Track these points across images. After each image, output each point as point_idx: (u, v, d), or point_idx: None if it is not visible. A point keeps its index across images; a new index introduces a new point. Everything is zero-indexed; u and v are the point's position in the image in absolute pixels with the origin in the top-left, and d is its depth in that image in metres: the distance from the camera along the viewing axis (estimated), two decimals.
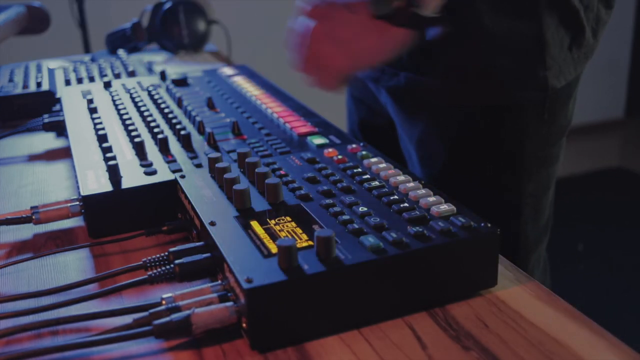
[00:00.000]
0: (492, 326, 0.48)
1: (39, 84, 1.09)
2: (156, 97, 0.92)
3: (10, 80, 1.14)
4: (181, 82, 1.01)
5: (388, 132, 0.98)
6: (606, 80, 3.53)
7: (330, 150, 0.68)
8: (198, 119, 0.79)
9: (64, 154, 0.89)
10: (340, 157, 0.66)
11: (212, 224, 0.54)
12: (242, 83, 1.00)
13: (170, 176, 0.65)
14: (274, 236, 0.51)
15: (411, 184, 0.58)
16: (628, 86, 3.66)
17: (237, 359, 0.46)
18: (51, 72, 1.19)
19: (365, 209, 0.54)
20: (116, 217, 0.64)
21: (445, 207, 0.53)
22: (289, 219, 0.54)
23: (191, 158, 0.70)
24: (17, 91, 1.06)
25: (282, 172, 0.63)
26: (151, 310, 0.48)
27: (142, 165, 0.69)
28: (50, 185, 0.80)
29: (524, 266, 0.89)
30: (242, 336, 0.48)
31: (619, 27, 3.50)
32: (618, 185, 3.03)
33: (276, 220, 0.54)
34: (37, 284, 0.58)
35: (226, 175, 0.59)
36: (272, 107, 0.86)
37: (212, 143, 0.74)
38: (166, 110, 0.84)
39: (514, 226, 0.86)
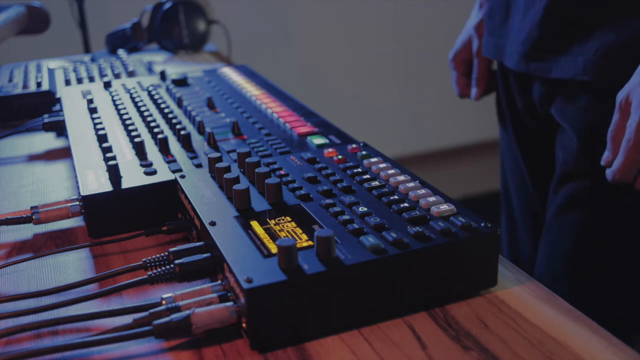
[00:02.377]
0: (492, 326, 0.48)
1: (39, 84, 1.09)
2: (156, 97, 0.92)
3: (10, 80, 1.14)
4: (181, 82, 1.01)
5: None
6: None
7: (330, 150, 0.68)
8: (198, 119, 0.79)
9: (64, 154, 0.89)
10: (340, 157, 0.66)
11: (212, 224, 0.54)
12: (242, 83, 1.00)
13: (170, 176, 0.65)
14: (274, 236, 0.51)
15: (411, 184, 0.58)
16: None
17: (237, 359, 0.46)
18: (51, 72, 1.19)
19: (365, 209, 0.54)
20: (116, 217, 0.64)
21: (445, 207, 0.53)
22: (289, 219, 0.54)
23: (191, 158, 0.71)
24: (17, 91, 1.06)
25: (282, 172, 0.63)
26: (151, 310, 0.48)
27: (142, 165, 0.69)
28: (50, 185, 0.80)
29: None
30: (242, 336, 0.48)
31: None
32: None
33: (276, 220, 0.54)
34: (37, 284, 0.58)
35: (226, 175, 0.59)
36: (272, 107, 0.86)
37: (212, 143, 0.74)
38: (166, 110, 0.84)
39: None
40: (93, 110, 0.88)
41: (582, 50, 0.83)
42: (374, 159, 0.65)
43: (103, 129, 0.80)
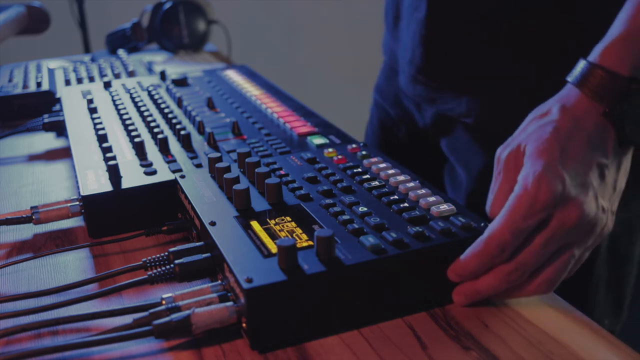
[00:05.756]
0: (492, 326, 0.48)
1: (39, 84, 1.09)
2: (156, 97, 0.92)
3: (10, 80, 1.14)
4: (181, 82, 1.01)
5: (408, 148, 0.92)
6: None
7: (330, 150, 0.68)
8: (198, 119, 0.79)
9: (64, 154, 0.89)
10: (340, 157, 0.66)
11: (212, 224, 0.54)
12: (242, 83, 1.00)
13: (170, 176, 0.65)
14: (274, 236, 0.51)
15: (411, 184, 0.58)
16: None
17: (237, 359, 0.46)
18: (51, 72, 1.19)
19: (365, 209, 0.54)
20: (116, 217, 0.64)
21: (445, 207, 0.53)
22: (289, 219, 0.54)
23: (191, 158, 0.70)
24: (17, 91, 1.06)
25: (282, 172, 0.63)
26: (151, 310, 0.48)
27: (142, 165, 0.69)
28: (50, 185, 0.80)
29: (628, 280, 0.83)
30: (242, 336, 0.48)
31: None
32: None
33: (276, 220, 0.54)
34: (37, 284, 0.58)
35: (226, 175, 0.59)
36: (272, 107, 0.86)
37: (212, 143, 0.74)
38: (166, 110, 0.84)
39: (623, 246, 0.80)
40: (93, 110, 0.88)
41: (466, 91, 0.77)
42: (374, 159, 0.65)
43: (103, 129, 0.80)
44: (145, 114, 0.84)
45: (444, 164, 0.89)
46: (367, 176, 0.61)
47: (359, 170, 0.62)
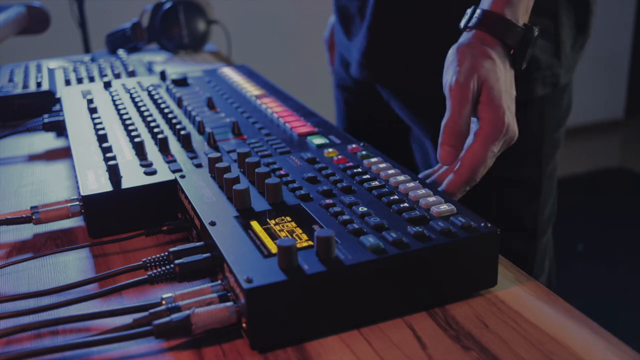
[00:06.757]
0: (492, 326, 0.48)
1: (39, 84, 1.09)
2: (156, 97, 0.92)
3: (10, 80, 1.14)
4: (181, 82, 1.01)
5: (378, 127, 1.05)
6: (606, 80, 3.53)
7: (330, 150, 0.68)
8: (198, 119, 0.79)
9: (64, 154, 0.89)
10: (340, 157, 0.66)
11: (212, 224, 0.54)
12: (242, 83, 1.00)
13: (170, 176, 0.65)
14: (274, 236, 0.51)
15: (411, 184, 0.58)
16: (628, 86, 3.66)
17: (237, 359, 0.46)
18: (51, 72, 1.19)
19: (365, 209, 0.54)
20: (116, 217, 0.64)
21: (445, 207, 0.53)
22: (289, 219, 0.54)
23: (191, 158, 0.71)
24: (17, 91, 1.06)
25: (282, 172, 0.63)
26: (151, 310, 0.48)
27: (142, 165, 0.69)
28: (50, 185, 0.80)
29: (535, 247, 0.95)
30: (242, 336, 0.48)
31: (619, 27, 3.50)
32: (618, 185, 3.02)
33: (276, 220, 0.54)
34: (37, 284, 0.58)
35: (226, 175, 0.59)
36: (272, 107, 0.86)
37: (212, 143, 0.74)
38: (166, 110, 0.84)
39: (533, 207, 0.92)
40: (93, 110, 0.88)
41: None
42: (374, 159, 0.65)
43: (103, 129, 0.80)
44: (145, 114, 0.84)
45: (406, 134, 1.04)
46: (367, 176, 0.61)
47: (359, 170, 0.62)
